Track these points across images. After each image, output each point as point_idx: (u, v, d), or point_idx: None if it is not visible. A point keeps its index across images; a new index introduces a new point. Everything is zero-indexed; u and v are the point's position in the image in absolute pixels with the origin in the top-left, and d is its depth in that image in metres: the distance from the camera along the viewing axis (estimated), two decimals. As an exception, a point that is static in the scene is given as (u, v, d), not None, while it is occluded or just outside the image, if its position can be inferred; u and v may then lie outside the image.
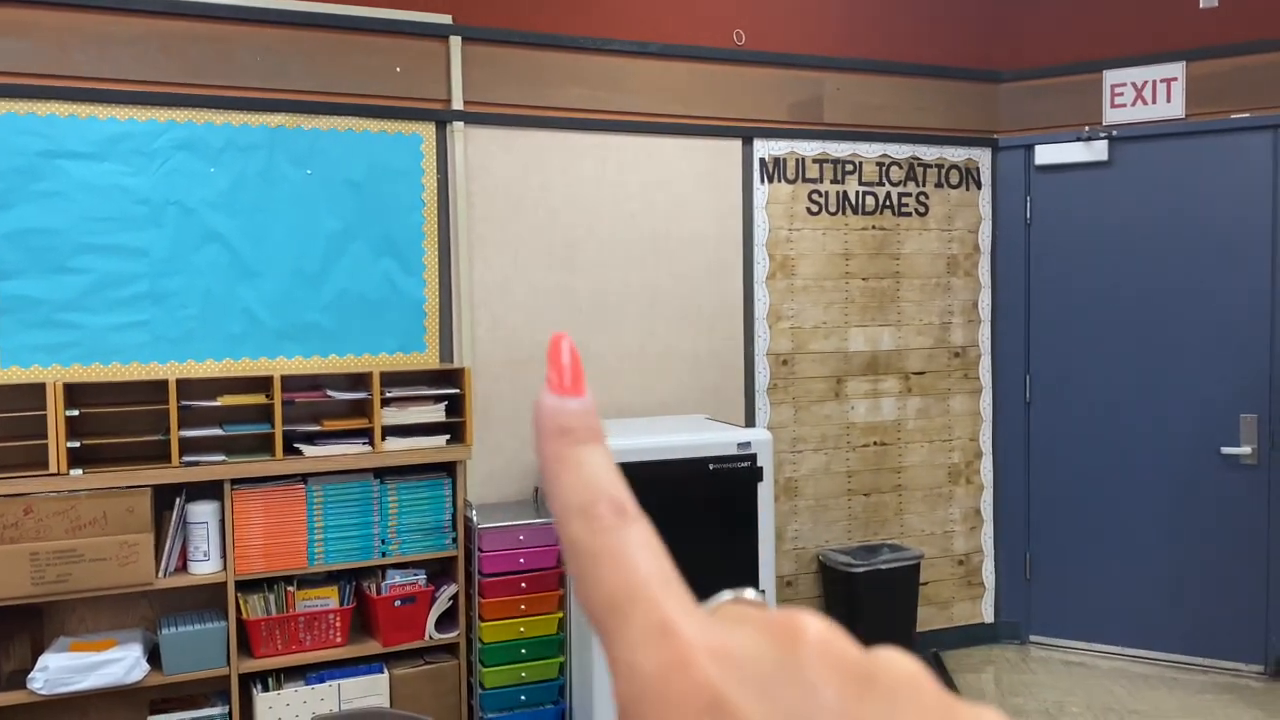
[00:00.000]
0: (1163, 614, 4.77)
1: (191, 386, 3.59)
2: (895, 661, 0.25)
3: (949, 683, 4.61)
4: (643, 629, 0.25)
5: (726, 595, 0.28)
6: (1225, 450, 4.59)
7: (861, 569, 4.46)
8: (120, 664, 3.33)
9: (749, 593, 0.28)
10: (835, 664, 0.24)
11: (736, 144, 4.54)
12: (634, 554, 0.27)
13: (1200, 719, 4.18)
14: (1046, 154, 4.87)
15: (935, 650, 4.95)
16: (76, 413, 3.36)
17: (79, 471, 3.34)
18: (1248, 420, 4.56)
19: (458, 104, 4.03)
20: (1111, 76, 4.74)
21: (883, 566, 4.51)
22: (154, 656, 3.48)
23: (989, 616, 5.09)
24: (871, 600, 4.45)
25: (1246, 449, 4.55)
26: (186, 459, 3.47)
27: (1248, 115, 4.49)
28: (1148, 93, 4.67)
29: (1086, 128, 4.78)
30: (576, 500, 0.27)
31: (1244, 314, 4.55)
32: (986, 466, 5.07)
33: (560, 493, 0.28)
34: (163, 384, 3.48)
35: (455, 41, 4.01)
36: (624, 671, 0.25)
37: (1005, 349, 5.03)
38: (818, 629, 0.25)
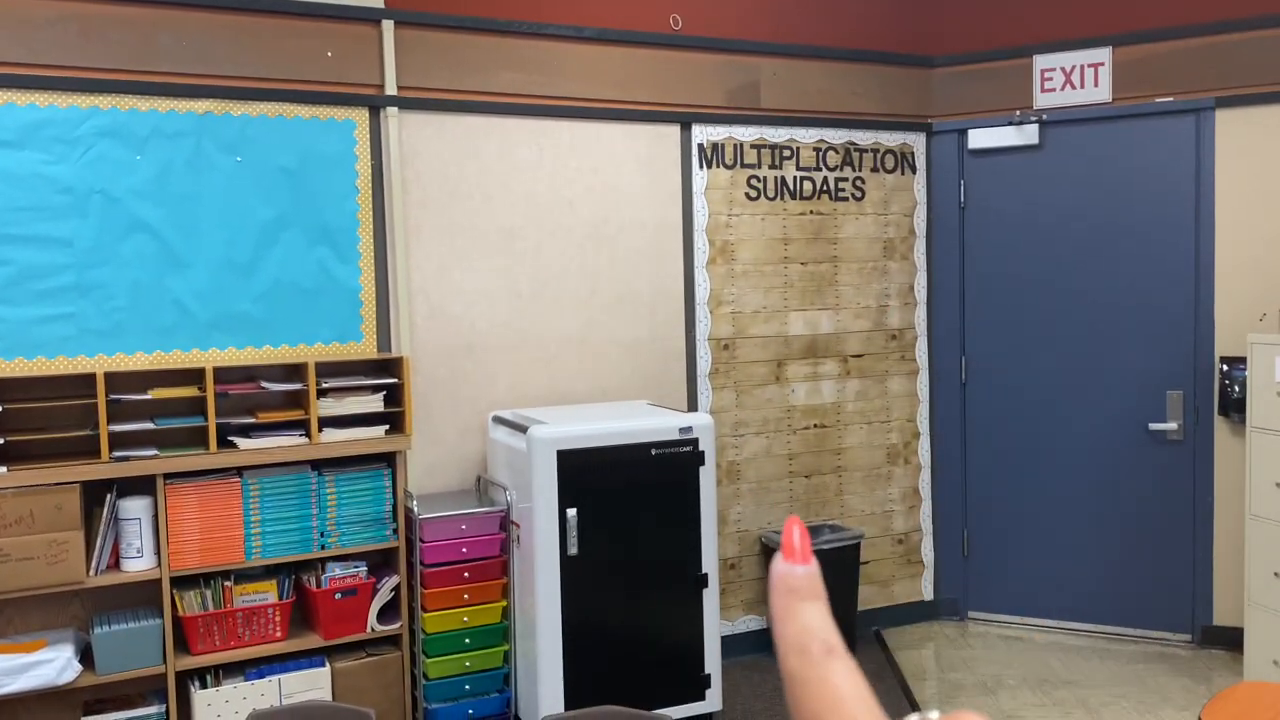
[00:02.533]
0: (1095, 587, 4.89)
1: (121, 380, 3.51)
2: None
3: (890, 660, 4.68)
4: None
5: (913, 717, 0.34)
6: (1153, 426, 4.71)
7: (803, 550, 4.51)
8: (51, 665, 3.25)
9: (934, 715, 0.33)
10: None
11: (675, 129, 4.54)
12: (837, 681, 0.33)
13: (1132, 687, 4.30)
14: (979, 138, 4.95)
15: (876, 628, 5.02)
16: (0, 408, 3.26)
17: (3, 469, 3.25)
18: (1174, 397, 4.68)
19: (391, 89, 3.97)
20: (1041, 61, 4.83)
21: (824, 547, 4.57)
22: (87, 656, 3.40)
23: (929, 594, 5.19)
24: (813, 581, 4.50)
25: (1173, 425, 4.68)
26: (117, 454, 3.39)
27: (1172, 99, 4.60)
28: (1076, 77, 4.76)
29: (1018, 112, 4.87)
30: (796, 642, 0.34)
31: (1169, 293, 4.67)
32: (924, 447, 5.15)
33: (785, 636, 0.35)
34: (90, 377, 3.39)
35: (388, 25, 3.95)
36: None
37: (941, 331, 5.11)
38: None
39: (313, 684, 3.63)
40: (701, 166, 4.59)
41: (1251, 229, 4.49)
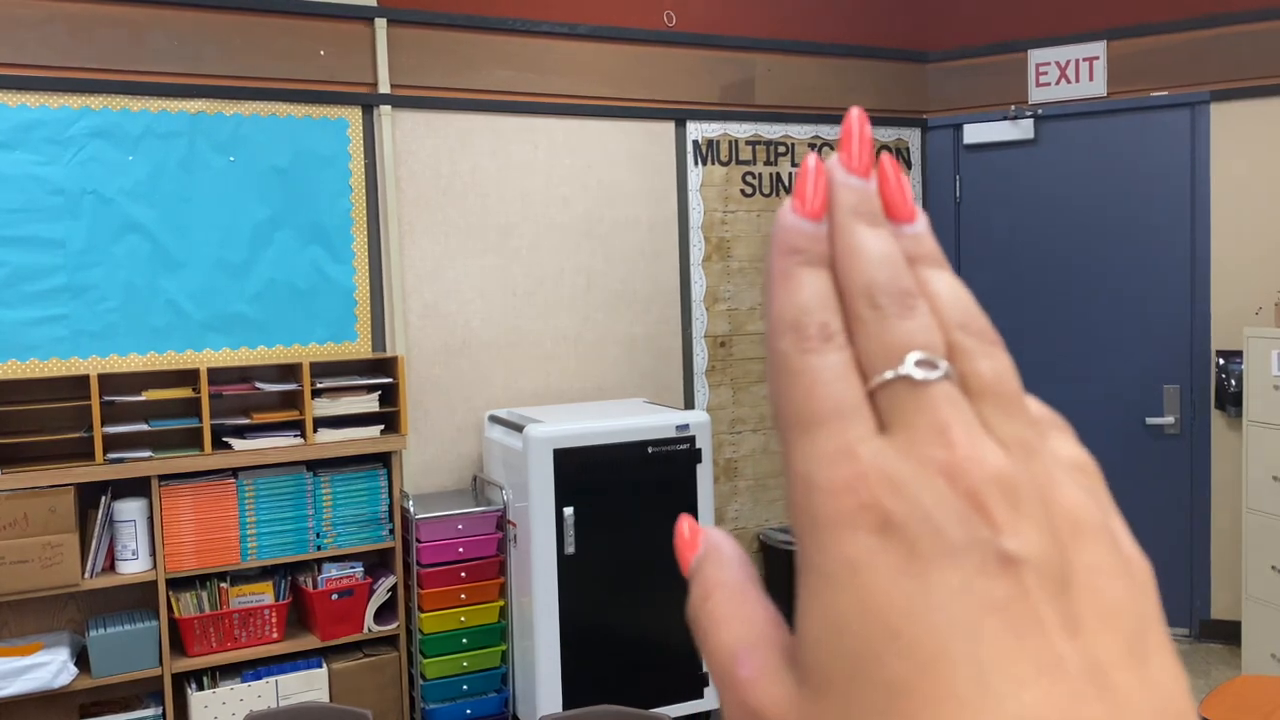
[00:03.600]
0: (1093, 582, 4.88)
1: (115, 381, 3.49)
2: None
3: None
4: (825, 448, 0.27)
5: (888, 374, 0.27)
6: (1150, 421, 4.71)
7: (801, 547, 4.51)
8: (47, 668, 3.24)
9: (913, 370, 0.27)
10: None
11: (669, 126, 4.53)
12: (831, 378, 0.27)
13: (1129, 682, 4.29)
14: (974, 133, 4.94)
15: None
16: (-8, 411, 3.25)
17: (-3, 472, 3.23)
18: (1170, 391, 4.68)
19: (384, 87, 3.95)
20: (1036, 56, 4.82)
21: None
22: (82, 659, 3.39)
23: (926, 590, 5.18)
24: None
25: (1170, 419, 4.68)
26: (111, 456, 3.38)
27: (1166, 93, 4.59)
28: (1071, 71, 4.75)
29: (1013, 107, 4.86)
30: (790, 316, 0.28)
31: (1165, 288, 4.67)
32: (921, 443, 5.14)
33: (776, 306, 0.29)
34: (84, 379, 3.38)
35: (381, 24, 3.94)
36: (800, 483, 0.27)
37: (938, 326, 5.10)
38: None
39: (310, 685, 3.62)
40: (696, 163, 4.58)
41: (1247, 223, 4.49)
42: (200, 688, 3.51)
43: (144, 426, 3.47)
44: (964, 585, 0.24)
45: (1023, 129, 4.85)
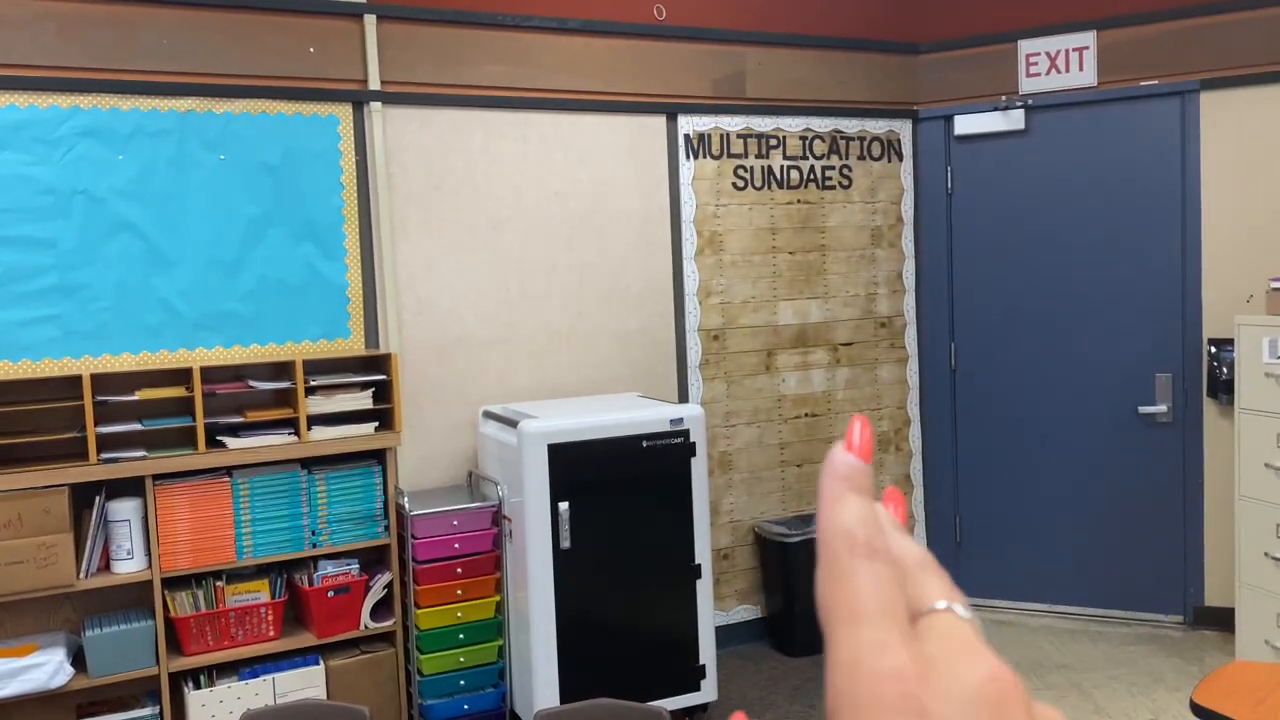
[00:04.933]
0: (1087, 571, 4.91)
1: (108, 381, 3.49)
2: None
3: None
4: (869, 640, 0.31)
5: (941, 604, 0.34)
6: (1142, 409, 4.73)
7: (796, 539, 4.52)
8: (43, 669, 3.24)
9: (958, 607, 0.34)
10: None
11: (660, 120, 4.53)
12: (878, 583, 0.32)
13: (1125, 669, 4.32)
14: (965, 124, 4.94)
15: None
16: (-15, 412, 3.24)
17: (-10, 473, 3.22)
18: (1162, 379, 4.70)
19: (374, 84, 3.95)
20: (1026, 46, 4.82)
21: (817, 535, 4.57)
22: (79, 659, 3.39)
23: (922, 580, 5.19)
24: (807, 569, 4.50)
25: (1162, 407, 4.70)
26: (105, 456, 3.38)
27: (1156, 82, 4.60)
28: (1061, 61, 4.76)
29: (1003, 97, 4.87)
30: (844, 527, 0.34)
31: (1157, 277, 4.68)
32: (915, 434, 5.16)
33: (832, 518, 0.35)
34: (77, 379, 3.37)
35: (370, 20, 3.93)
36: (844, 668, 0.31)
37: (930, 318, 5.12)
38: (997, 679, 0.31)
39: (307, 682, 3.62)
40: (688, 157, 4.58)
41: (1238, 211, 4.50)
42: (197, 686, 3.51)
43: (137, 426, 3.46)
44: None
45: (1013, 119, 4.85)
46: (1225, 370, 4.43)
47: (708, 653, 3.86)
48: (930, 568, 0.35)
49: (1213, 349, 4.52)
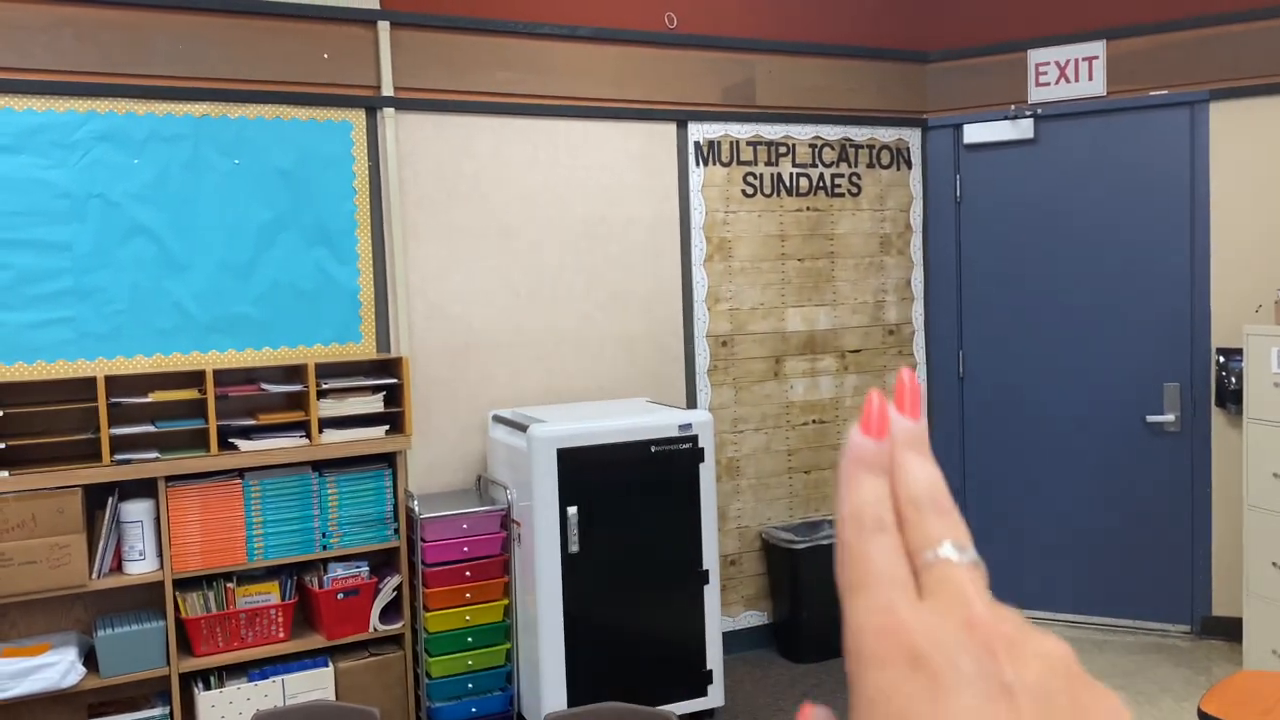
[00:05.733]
0: (1094, 579, 4.91)
1: (121, 383, 3.52)
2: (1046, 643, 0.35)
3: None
4: (871, 603, 0.35)
5: (930, 555, 0.36)
6: (1150, 418, 4.73)
7: (803, 545, 4.53)
8: (55, 668, 3.26)
9: (952, 551, 0.36)
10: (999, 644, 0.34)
11: (670, 127, 4.55)
12: (879, 554, 0.36)
13: (1131, 679, 4.32)
14: (974, 133, 4.96)
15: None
16: (0, 413, 3.27)
17: (5, 473, 3.26)
18: (1170, 389, 4.70)
19: (387, 90, 3.98)
20: (1035, 56, 4.84)
21: (824, 542, 4.58)
22: (90, 659, 3.41)
23: (928, 588, 5.19)
24: (814, 576, 4.52)
25: (1170, 416, 4.70)
26: (118, 457, 3.40)
27: (1166, 92, 4.61)
28: (1070, 71, 4.77)
29: (1012, 106, 4.88)
30: (852, 509, 0.37)
31: (1165, 286, 4.69)
32: (923, 441, 5.16)
33: (845, 500, 0.37)
34: (91, 381, 3.40)
35: (384, 26, 3.96)
36: (853, 630, 0.34)
37: (938, 325, 5.12)
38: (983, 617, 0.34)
39: (316, 684, 3.64)
40: (698, 164, 4.60)
41: (1247, 221, 4.50)
42: (207, 687, 3.54)
43: (150, 428, 3.49)
44: (975, 708, 0.32)
45: (1022, 129, 4.86)
46: (1233, 380, 4.43)
47: (715, 658, 3.88)
48: (935, 504, 0.37)
49: (1221, 359, 4.52)
